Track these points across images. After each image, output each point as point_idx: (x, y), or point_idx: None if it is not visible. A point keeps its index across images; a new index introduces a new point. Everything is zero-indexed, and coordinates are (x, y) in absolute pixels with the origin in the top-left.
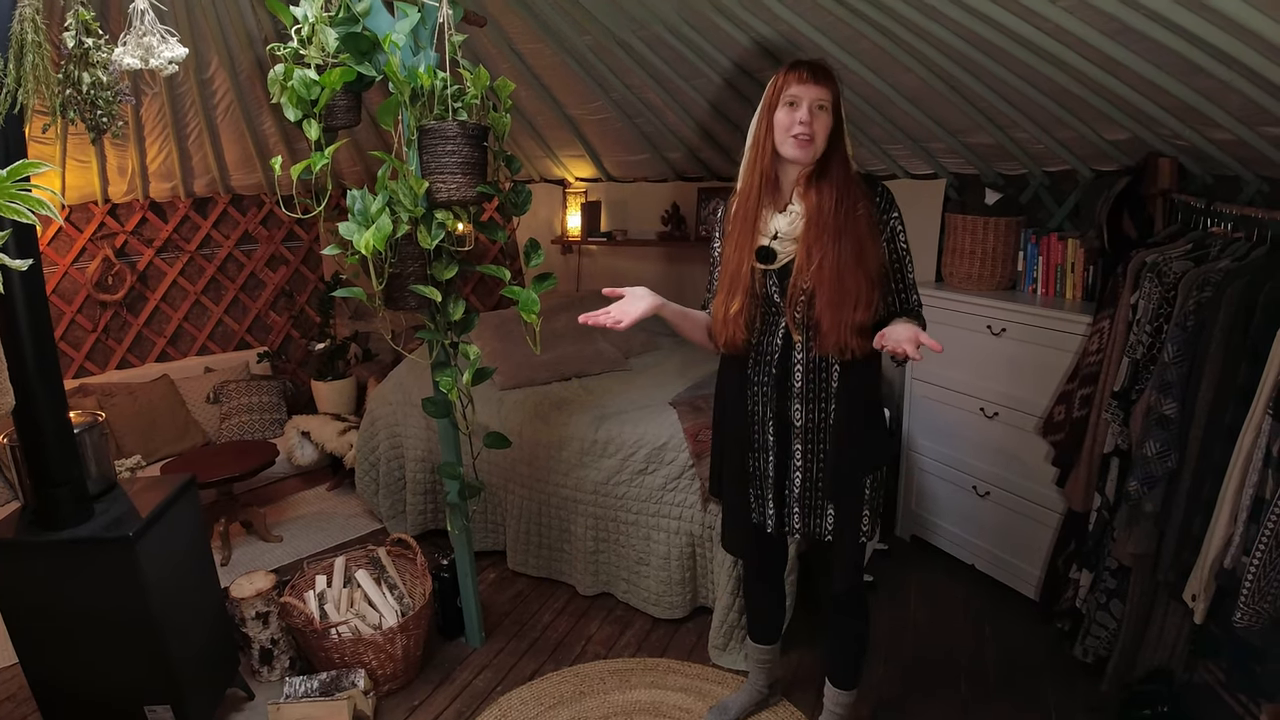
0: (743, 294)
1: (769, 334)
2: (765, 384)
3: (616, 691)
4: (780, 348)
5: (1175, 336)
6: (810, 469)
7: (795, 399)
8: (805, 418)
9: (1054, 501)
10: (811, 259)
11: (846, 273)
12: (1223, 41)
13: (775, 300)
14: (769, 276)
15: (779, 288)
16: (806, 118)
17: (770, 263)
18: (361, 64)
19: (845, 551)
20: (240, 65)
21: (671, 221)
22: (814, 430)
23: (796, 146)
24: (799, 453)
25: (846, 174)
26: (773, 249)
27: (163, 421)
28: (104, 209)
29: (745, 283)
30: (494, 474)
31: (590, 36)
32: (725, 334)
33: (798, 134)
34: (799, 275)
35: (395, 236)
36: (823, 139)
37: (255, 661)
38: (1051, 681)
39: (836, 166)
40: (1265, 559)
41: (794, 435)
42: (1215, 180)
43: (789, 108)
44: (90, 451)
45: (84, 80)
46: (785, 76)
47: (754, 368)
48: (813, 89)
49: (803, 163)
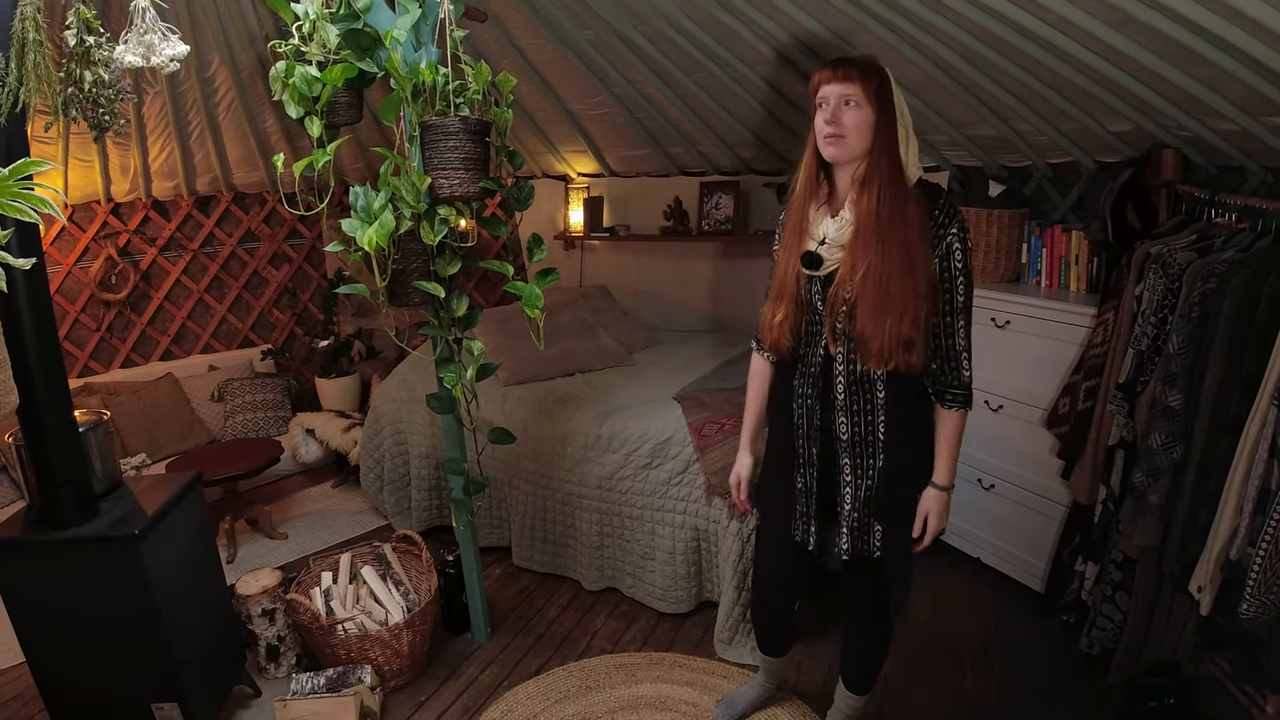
0: (788, 301)
1: (812, 344)
2: (810, 396)
3: (623, 686)
4: (822, 359)
5: (1180, 328)
6: (859, 485)
7: (839, 411)
8: (851, 430)
9: (1059, 494)
10: (856, 267)
11: (891, 280)
12: (1226, 32)
13: (818, 309)
14: (813, 283)
15: (822, 295)
16: (831, 116)
17: (815, 268)
18: (363, 60)
19: (893, 568)
20: (242, 63)
21: (674, 216)
22: (860, 444)
23: (827, 145)
24: (847, 467)
25: (895, 175)
26: (819, 254)
27: (167, 420)
28: (106, 208)
29: (791, 289)
30: (498, 470)
31: (591, 31)
32: (771, 339)
33: (827, 134)
34: (841, 285)
35: (398, 233)
36: (857, 137)
37: (262, 658)
38: (1057, 674)
39: (882, 167)
40: (1271, 550)
41: (840, 449)
42: (1219, 171)
43: (820, 109)
44: (95, 450)
45: (86, 78)
46: (817, 77)
47: (800, 380)
48: (837, 85)
49: (840, 162)
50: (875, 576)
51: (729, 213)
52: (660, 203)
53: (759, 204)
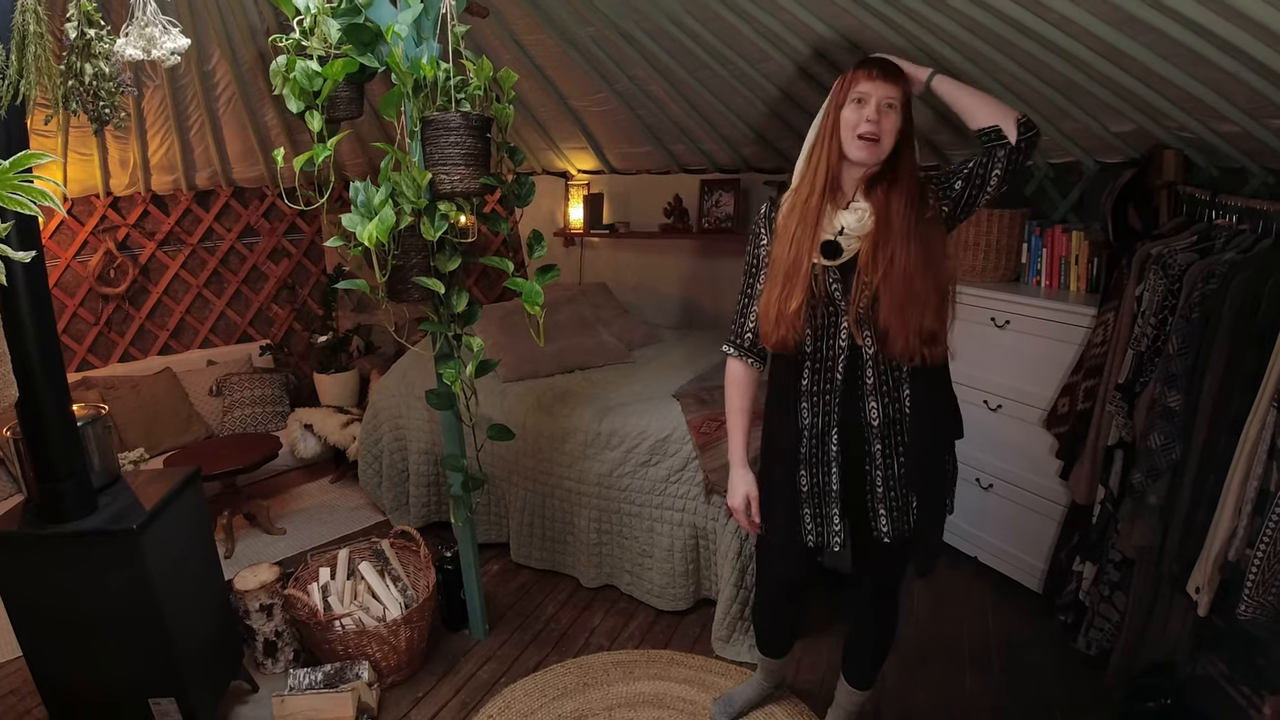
0: (803, 289)
1: (829, 337)
2: (827, 391)
3: (620, 683)
4: (845, 349)
5: (1180, 329)
6: (891, 465)
7: (869, 395)
8: (882, 414)
9: (1058, 494)
10: (878, 261)
11: (915, 276)
12: (1229, 33)
13: (837, 299)
14: (830, 274)
15: (841, 285)
16: (874, 116)
17: (835, 258)
18: (364, 55)
19: (929, 537)
20: (242, 57)
21: (674, 213)
22: (889, 424)
23: (862, 148)
24: (879, 452)
25: (912, 173)
26: (839, 244)
27: (165, 414)
28: (106, 202)
29: (805, 279)
30: (497, 466)
31: (593, 28)
32: (777, 334)
33: (864, 132)
34: (863, 272)
35: (398, 228)
36: (890, 140)
37: (259, 654)
38: (1055, 674)
39: (905, 169)
40: (1269, 551)
41: (871, 436)
42: (1221, 172)
43: (856, 104)
44: (94, 444)
45: (86, 71)
46: (854, 74)
47: (812, 377)
48: (882, 87)
49: (868, 164)
50: (901, 559)
51: (729, 210)
52: (660, 200)
53: (759, 202)
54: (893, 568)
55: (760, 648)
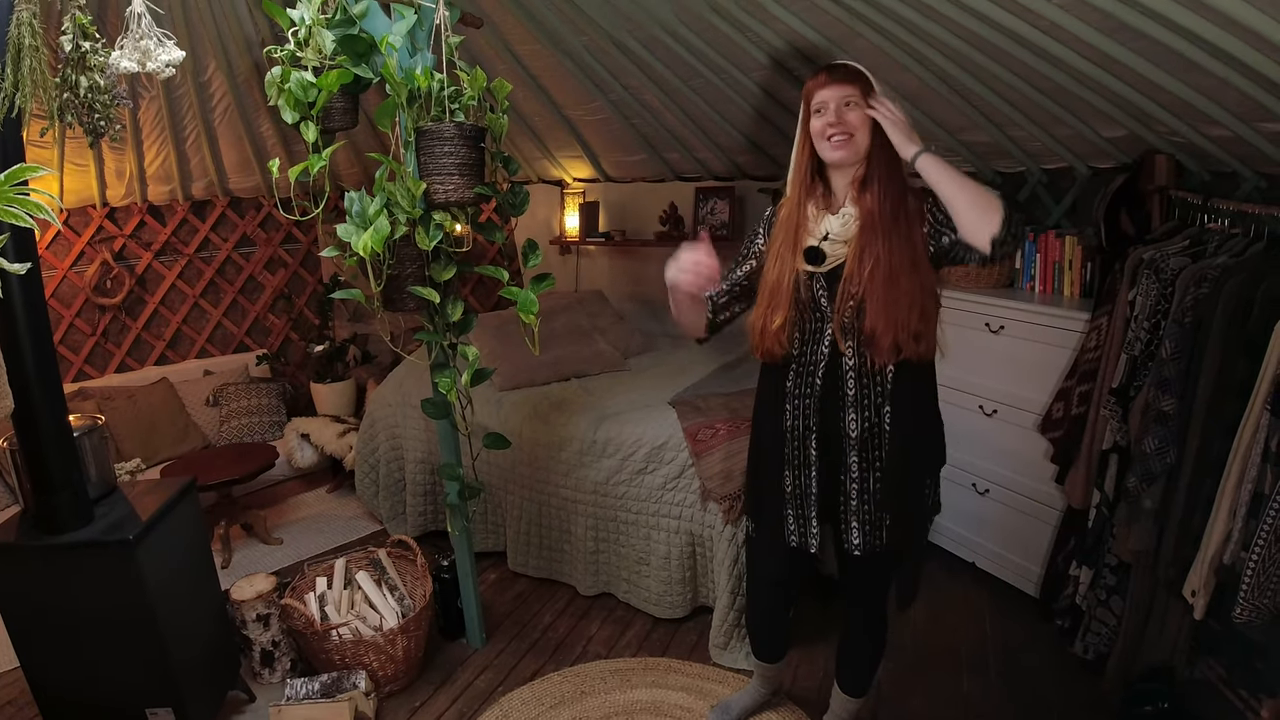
0: (786, 306)
1: (813, 343)
2: (808, 396)
3: (618, 691)
4: (827, 356)
5: (1173, 333)
6: (867, 479)
7: (849, 407)
8: (860, 426)
9: (1053, 499)
10: (864, 263)
11: (900, 275)
12: (1220, 38)
13: (822, 306)
14: (815, 280)
15: (827, 292)
16: (834, 118)
17: (819, 264)
18: (358, 66)
19: (904, 571)
20: (237, 68)
21: (670, 221)
22: (869, 438)
23: (835, 148)
24: (855, 464)
25: (894, 172)
26: (822, 250)
27: (162, 425)
28: (102, 213)
29: (789, 295)
30: (494, 475)
31: (587, 38)
32: (763, 347)
33: (832, 135)
34: (849, 280)
35: (393, 238)
36: (863, 135)
37: (256, 664)
38: (1052, 679)
39: (885, 165)
40: (1264, 554)
41: (849, 446)
42: (1212, 177)
43: (819, 114)
44: (90, 455)
45: (81, 84)
46: (808, 86)
47: (795, 380)
48: (834, 89)
49: (848, 163)
50: (879, 570)
51: (724, 218)
52: (656, 208)
53: (754, 209)
54: (872, 577)
55: (755, 652)
